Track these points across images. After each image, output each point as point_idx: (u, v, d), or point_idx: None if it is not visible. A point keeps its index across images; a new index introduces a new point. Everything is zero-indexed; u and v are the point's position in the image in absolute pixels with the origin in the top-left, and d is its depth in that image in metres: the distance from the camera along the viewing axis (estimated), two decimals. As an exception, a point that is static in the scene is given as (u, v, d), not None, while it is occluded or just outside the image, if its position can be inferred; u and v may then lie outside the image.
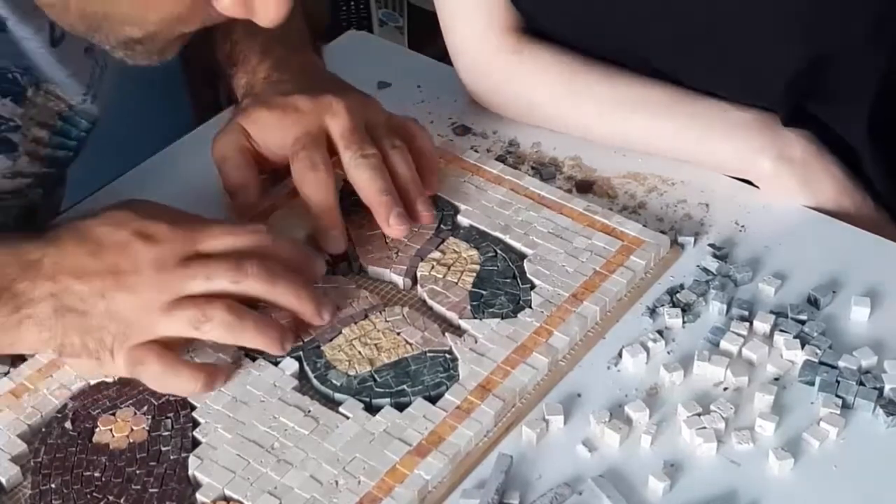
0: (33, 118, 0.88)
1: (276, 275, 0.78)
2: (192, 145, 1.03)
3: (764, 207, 0.94)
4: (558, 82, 0.98)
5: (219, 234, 0.78)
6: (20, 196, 0.92)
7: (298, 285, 0.79)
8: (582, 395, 0.80)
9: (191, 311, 0.75)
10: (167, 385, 0.77)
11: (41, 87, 0.88)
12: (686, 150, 0.96)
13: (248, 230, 0.80)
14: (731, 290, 0.86)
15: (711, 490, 0.74)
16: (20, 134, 0.87)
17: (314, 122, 0.88)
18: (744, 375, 0.80)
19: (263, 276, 0.77)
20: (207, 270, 0.76)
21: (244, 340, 0.78)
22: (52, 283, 0.75)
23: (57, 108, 0.90)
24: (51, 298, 0.75)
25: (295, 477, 0.74)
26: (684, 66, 0.95)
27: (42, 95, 0.88)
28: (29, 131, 0.88)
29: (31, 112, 0.88)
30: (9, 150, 0.87)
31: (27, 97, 0.87)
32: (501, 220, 0.91)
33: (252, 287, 0.77)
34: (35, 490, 0.73)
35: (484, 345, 0.81)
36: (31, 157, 0.89)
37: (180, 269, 0.76)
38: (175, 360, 0.76)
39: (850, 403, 0.78)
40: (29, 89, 0.87)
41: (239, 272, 0.76)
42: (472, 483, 0.75)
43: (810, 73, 0.90)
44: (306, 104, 0.88)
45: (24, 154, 0.88)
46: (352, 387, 0.79)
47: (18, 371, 0.80)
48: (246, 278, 0.76)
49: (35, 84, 0.87)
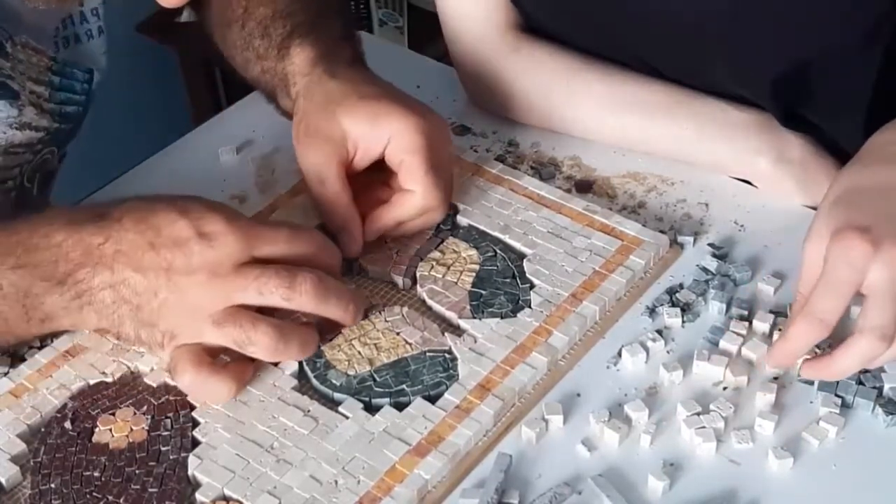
0: (24, 73, 0.89)
1: (328, 290, 0.78)
2: (192, 145, 1.03)
3: (763, 207, 0.94)
4: (557, 81, 0.98)
5: (275, 240, 0.78)
6: (33, 151, 0.92)
7: (347, 299, 0.80)
8: (581, 394, 0.80)
9: (237, 332, 0.76)
10: (196, 395, 0.78)
11: (17, 41, 0.89)
12: (685, 150, 0.96)
13: (304, 237, 0.80)
14: (730, 289, 0.86)
15: (711, 489, 0.74)
16: (17, 83, 0.88)
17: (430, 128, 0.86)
18: (743, 375, 0.80)
19: (315, 294, 0.77)
20: (259, 284, 0.76)
21: (286, 358, 0.79)
22: (111, 272, 0.75)
23: (43, 63, 0.91)
24: (109, 289, 0.76)
25: (294, 476, 0.74)
26: (679, 64, 0.95)
27: (21, 50, 0.89)
28: (25, 84, 0.89)
29: (20, 67, 0.89)
30: (11, 97, 0.88)
31: (8, 52, 0.88)
32: (501, 219, 0.91)
33: (303, 304, 0.77)
34: (35, 490, 0.73)
35: (483, 344, 0.81)
36: (37, 109, 0.90)
37: (234, 276, 0.75)
38: (208, 370, 0.77)
39: (850, 403, 0.78)
40: (6, 44, 0.88)
41: (292, 289, 0.76)
42: (472, 483, 0.75)
43: (798, 76, 0.90)
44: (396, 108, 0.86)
45: (29, 105, 0.89)
46: (351, 386, 0.79)
47: (18, 371, 0.80)
48: (298, 296, 0.76)
49: (10, 38, 0.88)
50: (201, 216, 0.76)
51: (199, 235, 0.75)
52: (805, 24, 0.88)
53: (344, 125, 0.86)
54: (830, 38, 0.88)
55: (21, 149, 0.91)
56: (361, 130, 0.86)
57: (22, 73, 0.88)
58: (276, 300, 0.76)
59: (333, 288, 0.79)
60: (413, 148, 0.85)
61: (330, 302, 0.78)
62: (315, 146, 0.87)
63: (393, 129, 0.85)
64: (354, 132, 0.86)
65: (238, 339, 0.76)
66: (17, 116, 0.89)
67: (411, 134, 0.85)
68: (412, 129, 0.85)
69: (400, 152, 0.85)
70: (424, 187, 0.86)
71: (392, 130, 0.85)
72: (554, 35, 1.00)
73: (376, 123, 0.85)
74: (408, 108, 0.86)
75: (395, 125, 0.85)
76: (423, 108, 0.88)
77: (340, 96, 0.87)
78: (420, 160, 0.85)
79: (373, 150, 0.86)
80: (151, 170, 1.00)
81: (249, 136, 1.02)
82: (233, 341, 0.76)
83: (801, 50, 0.89)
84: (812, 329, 0.74)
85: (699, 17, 0.91)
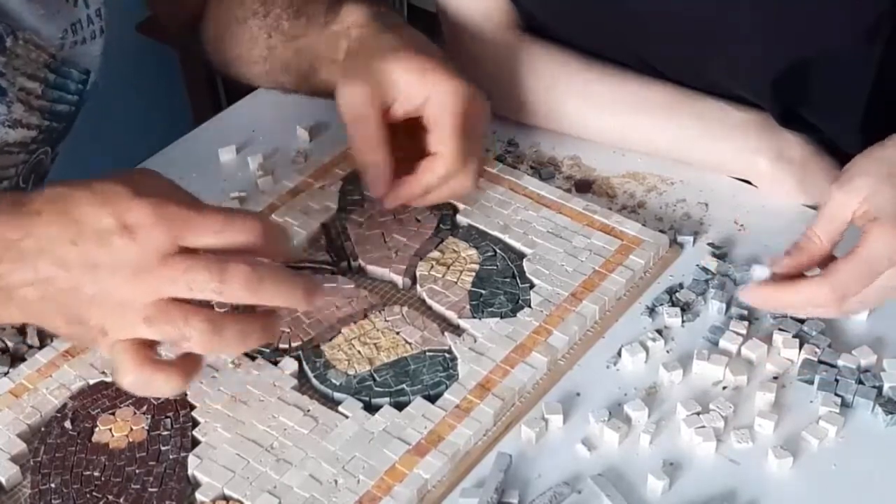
0: (18, 69, 0.88)
1: (262, 279, 0.73)
2: (192, 145, 1.03)
3: (763, 207, 0.94)
4: (557, 81, 0.98)
5: (206, 229, 0.73)
6: (28, 151, 0.91)
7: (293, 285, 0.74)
8: (581, 394, 0.80)
9: (169, 328, 0.72)
10: (142, 391, 0.74)
11: (18, 36, 0.88)
12: (685, 150, 0.96)
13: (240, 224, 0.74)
14: (730, 289, 0.86)
15: (711, 489, 0.74)
16: (6, 80, 0.88)
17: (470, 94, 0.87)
18: (743, 374, 0.80)
19: (248, 285, 0.72)
20: (188, 278, 0.71)
21: (226, 351, 0.77)
22: (33, 271, 0.72)
23: (42, 59, 0.90)
24: (31, 286, 0.72)
25: (294, 476, 0.74)
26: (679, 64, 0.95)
27: (21, 45, 0.88)
28: (16, 80, 0.88)
29: (16, 62, 0.88)
30: None
31: (7, 46, 0.87)
32: (500, 219, 0.91)
33: (238, 297, 0.72)
34: (35, 489, 0.73)
35: (483, 344, 0.81)
36: (27, 107, 0.89)
37: (161, 269, 0.71)
38: (151, 368, 0.73)
39: (850, 402, 0.78)
40: (7, 38, 0.87)
41: (223, 283, 0.71)
42: (472, 482, 0.75)
43: (797, 76, 0.90)
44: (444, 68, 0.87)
45: (17, 101, 0.88)
46: (351, 386, 0.79)
47: (18, 371, 0.80)
48: (231, 289, 0.72)
49: (12, 33, 0.87)
50: (127, 205, 0.71)
51: (122, 228, 0.71)
52: (805, 24, 0.88)
53: (393, 71, 0.86)
54: (830, 38, 0.88)
55: (16, 148, 0.91)
56: (408, 79, 0.86)
57: (17, 68, 0.88)
58: (208, 294, 0.71)
59: (270, 276, 0.72)
60: (449, 108, 0.86)
61: (266, 291, 0.73)
62: (359, 84, 0.87)
63: (437, 87, 0.86)
64: (401, 80, 0.86)
65: (170, 335, 0.72)
66: (7, 114, 0.88)
67: (451, 95, 0.86)
68: (453, 91, 0.86)
69: (436, 109, 0.86)
70: (452, 150, 0.86)
71: (436, 87, 0.86)
72: (554, 35, 1.00)
73: (423, 76, 0.86)
74: (456, 73, 0.87)
75: (440, 83, 0.86)
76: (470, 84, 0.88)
77: (397, 45, 0.88)
78: (452, 121, 0.85)
79: (413, 100, 0.87)
80: (151, 169, 1.00)
81: (249, 136, 1.02)
82: (166, 336, 0.72)
83: (801, 50, 0.89)
84: (825, 298, 0.75)
85: (699, 17, 0.91)
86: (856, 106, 0.92)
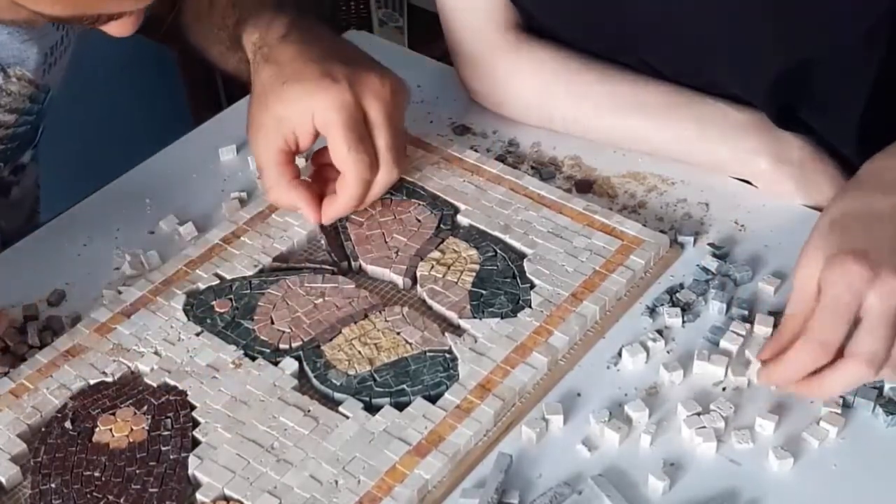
0: (4, 106, 0.88)
1: None
2: (192, 145, 1.03)
3: (763, 207, 0.94)
4: (557, 81, 0.98)
5: None
6: None
7: None
8: (582, 394, 0.80)
9: None
10: None
11: (10, 73, 0.88)
12: (685, 150, 0.96)
13: None
14: (730, 289, 0.86)
15: (711, 489, 0.74)
16: None
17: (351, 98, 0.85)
18: (743, 375, 0.80)
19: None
20: None
21: None
22: None
23: (27, 92, 0.90)
24: None
25: (294, 476, 0.74)
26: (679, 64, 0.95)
27: (14, 83, 0.88)
28: None
29: (4, 100, 0.88)
30: None
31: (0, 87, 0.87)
32: (501, 219, 0.91)
33: None
34: (35, 490, 0.73)
35: (483, 344, 0.81)
36: None
37: None
38: None
39: (850, 402, 0.78)
40: None
41: None
42: (472, 482, 0.75)
43: (797, 76, 0.90)
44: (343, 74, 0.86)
45: None
46: (351, 386, 0.79)
47: (18, 371, 0.80)
48: None
49: (2, 70, 0.87)
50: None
51: None
52: (805, 24, 0.88)
53: (276, 112, 0.87)
54: (830, 39, 0.88)
55: None
56: (289, 112, 0.86)
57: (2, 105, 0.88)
58: None
59: None
60: (332, 121, 0.85)
61: None
62: (254, 140, 0.88)
63: (318, 103, 0.85)
64: (285, 116, 0.86)
65: None
66: None
67: (330, 110, 0.85)
68: (331, 103, 0.85)
69: (322, 126, 0.86)
70: (349, 166, 0.85)
71: (317, 104, 0.85)
72: (554, 35, 1.00)
73: (299, 103, 0.86)
74: (329, 81, 0.85)
75: (319, 100, 0.85)
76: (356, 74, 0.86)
77: (271, 82, 0.87)
78: (339, 134, 0.85)
79: (305, 128, 0.86)
80: (151, 170, 1.00)
81: (249, 135, 1.02)
82: None
83: (801, 51, 0.89)
84: (814, 353, 0.73)
85: (699, 18, 0.91)
86: (855, 107, 0.92)
